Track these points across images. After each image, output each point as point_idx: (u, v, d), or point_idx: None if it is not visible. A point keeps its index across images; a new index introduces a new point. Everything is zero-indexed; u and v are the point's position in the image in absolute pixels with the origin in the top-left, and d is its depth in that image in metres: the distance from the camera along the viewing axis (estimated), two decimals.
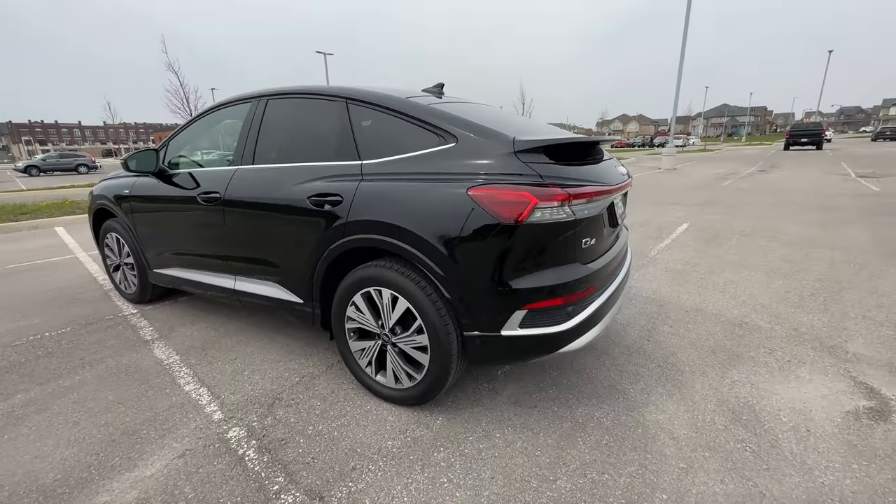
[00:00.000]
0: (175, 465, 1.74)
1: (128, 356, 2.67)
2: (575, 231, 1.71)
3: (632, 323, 3.01)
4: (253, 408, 2.12)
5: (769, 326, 2.90)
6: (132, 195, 3.08)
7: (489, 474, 1.68)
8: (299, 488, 1.62)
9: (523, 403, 2.13)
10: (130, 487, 1.64)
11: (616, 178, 2.03)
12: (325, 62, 33.40)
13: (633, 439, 1.86)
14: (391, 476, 1.67)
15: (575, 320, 1.76)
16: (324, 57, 33.31)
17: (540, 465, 1.72)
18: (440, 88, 2.57)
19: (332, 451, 1.81)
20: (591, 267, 1.85)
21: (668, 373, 2.37)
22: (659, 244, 5.13)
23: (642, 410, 2.06)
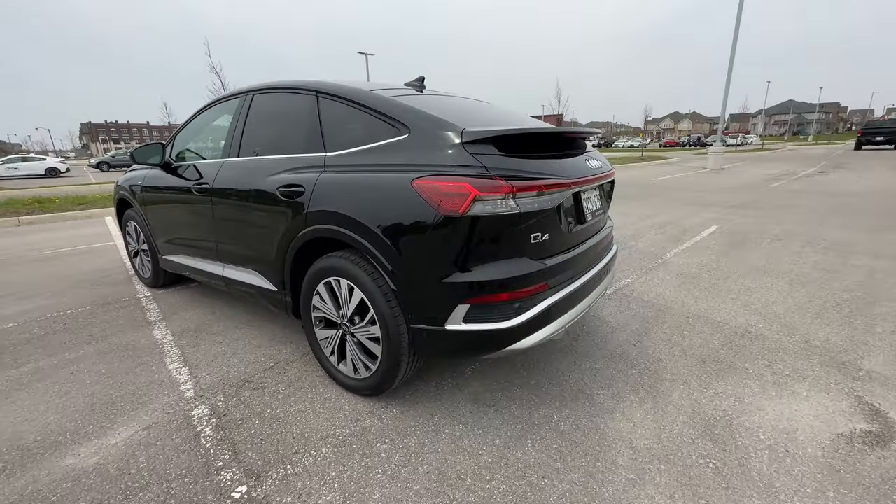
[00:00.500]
0: (138, 437, 1.86)
1: (130, 335, 2.88)
2: (521, 225, 1.65)
3: (622, 327, 2.86)
4: (223, 388, 2.21)
5: (776, 337, 2.66)
6: (144, 186, 3.31)
7: (425, 469, 1.66)
8: (241, 467, 1.68)
9: (482, 401, 2.09)
10: (94, 453, 1.76)
11: (581, 173, 1.93)
12: (366, 63, 34.28)
13: (586, 445, 1.77)
14: (329, 463, 1.69)
15: (522, 317, 1.69)
16: (365, 58, 34.19)
17: (480, 465, 1.68)
18: (421, 82, 2.56)
19: (282, 435, 1.86)
20: (545, 263, 1.77)
21: (645, 380, 2.23)
22: (677, 247, 4.84)
23: (606, 417, 1.95)
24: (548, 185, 1.71)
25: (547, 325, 1.78)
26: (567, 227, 1.89)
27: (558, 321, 1.83)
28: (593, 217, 2.13)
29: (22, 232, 6.91)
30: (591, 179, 2.02)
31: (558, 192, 1.76)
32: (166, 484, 1.60)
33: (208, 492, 1.56)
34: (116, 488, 1.58)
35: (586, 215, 2.05)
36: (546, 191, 1.70)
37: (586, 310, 2.07)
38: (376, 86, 2.22)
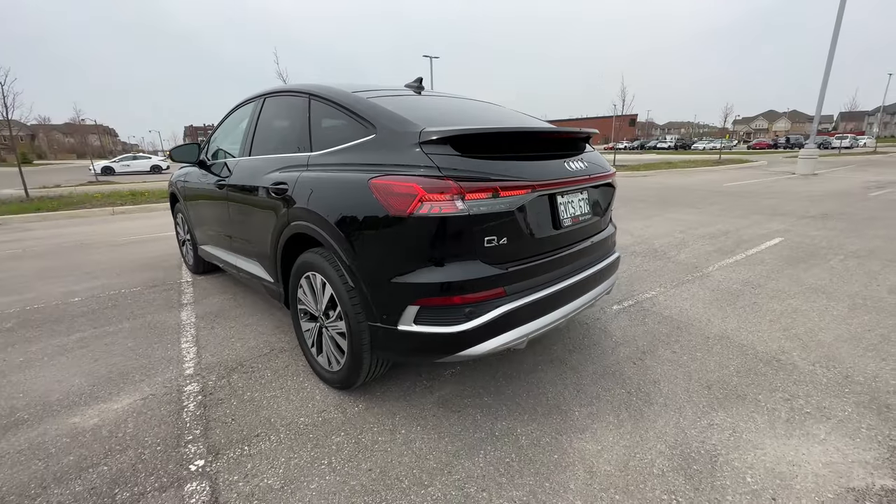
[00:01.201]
0: (135, 405, 2.08)
1: (161, 315, 3.22)
2: (472, 228, 1.60)
3: (628, 342, 2.64)
4: (217, 369, 2.40)
5: (809, 368, 2.30)
6: (186, 182, 3.68)
7: (368, 466, 1.67)
8: (206, 443, 1.81)
9: (449, 406, 2.05)
10: (96, 415, 2.00)
11: (553, 175, 1.83)
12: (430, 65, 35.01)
13: (541, 464, 1.67)
14: (282, 448, 1.77)
15: (473, 323, 1.64)
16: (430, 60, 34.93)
17: (423, 469, 1.65)
18: (419, 82, 2.58)
19: (251, 417, 1.97)
20: (503, 268, 1.69)
21: (632, 402, 2.05)
22: (724, 259, 4.36)
23: (573, 436, 1.82)
24: (504, 187, 1.64)
25: (503, 334, 1.71)
26: (535, 231, 1.79)
27: (518, 330, 1.75)
28: (575, 222, 2.00)
29: (113, 220, 8.01)
30: (568, 182, 1.90)
31: (518, 195, 1.68)
32: (141, 450, 1.77)
33: (171, 461, 1.70)
34: (101, 448, 1.78)
35: (563, 220, 1.92)
36: (502, 193, 1.63)
37: (562, 320, 1.95)
38: (366, 87, 2.27)
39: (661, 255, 4.61)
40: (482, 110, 2.40)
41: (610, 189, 2.33)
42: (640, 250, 4.81)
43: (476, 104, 2.55)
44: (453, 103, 2.35)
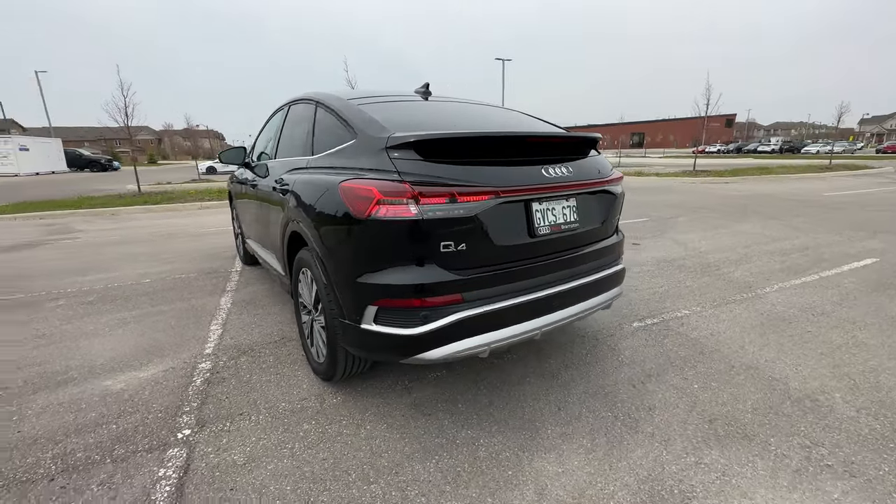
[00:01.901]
0: (156, 376, 2.38)
1: (205, 299, 3.62)
2: (426, 232, 1.60)
3: (635, 363, 2.44)
4: (230, 351, 2.65)
5: (850, 414, 1.95)
6: (235, 181, 4.10)
7: (324, 456, 1.74)
8: (198, 415, 2.02)
9: (422, 409, 2.06)
10: (124, 381, 2.33)
11: (525, 181, 1.77)
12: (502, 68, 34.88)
13: (491, 478, 1.62)
14: (258, 429, 1.91)
15: (428, 327, 1.64)
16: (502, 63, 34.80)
17: (373, 465, 1.69)
18: (426, 87, 2.62)
19: (242, 397, 2.16)
20: (461, 275, 1.67)
21: (615, 428, 1.90)
22: (790, 280, 3.80)
23: (537, 455, 1.74)
24: (462, 192, 1.62)
25: (460, 341, 1.69)
26: (502, 239, 1.74)
27: (477, 339, 1.71)
28: (556, 231, 1.90)
29: (199, 214, 9.13)
30: (545, 188, 1.81)
31: (478, 200, 1.64)
32: (146, 414, 2.03)
33: (165, 427, 1.93)
34: (118, 409, 2.07)
35: (539, 228, 1.84)
36: (460, 199, 1.61)
37: (535, 333, 1.87)
38: (370, 94, 2.37)
39: (713, 270, 4.15)
40: (479, 116, 2.38)
41: (610, 196, 2.17)
42: (688, 264, 4.37)
43: (478, 109, 2.52)
44: (451, 108, 2.36)
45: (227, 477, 1.63)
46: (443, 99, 2.60)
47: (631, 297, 3.49)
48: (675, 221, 6.90)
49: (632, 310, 3.22)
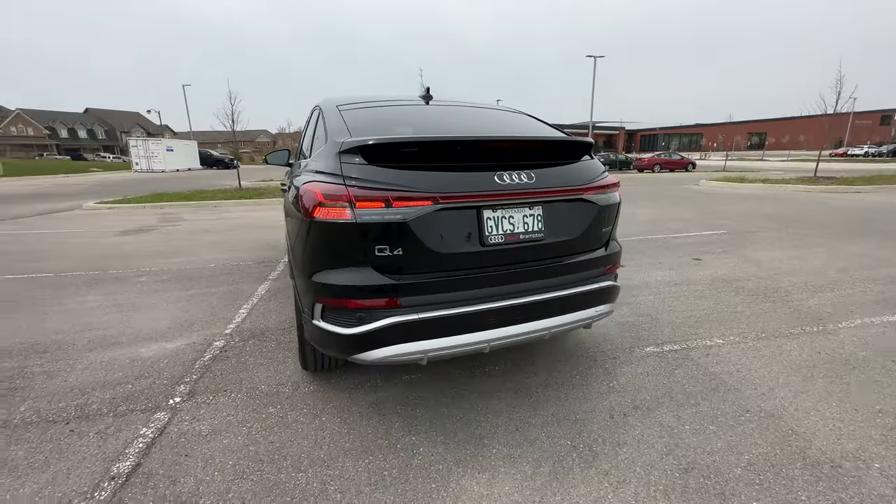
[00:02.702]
0: (178, 348, 2.74)
1: (248, 285, 4.05)
2: (362, 236, 1.62)
3: (626, 391, 2.19)
4: (243, 333, 2.94)
5: (885, 492, 1.54)
6: (282, 182, 4.52)
7: (273, 439, 1.86)
8: (192, 387, 2.28)
9: (380, 409, 2.09)
10: (154, 350, 2.72)
11: (470, 188, 1.71)
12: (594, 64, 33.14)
13: (411, 487, 1.60)
14: (230, 406, 2.11)
15: (363, 328, 1.67)
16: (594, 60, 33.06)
17: (310, 456, 1.76)
18: (427, 92, 2.63)
19: (233, 375, 2.39)
20: (396, 279, 1.66)
21: (568, 459, 1.74)
22: (883, 315, 3.08)
23: (469, 473, 1.67)
24: (398, 197, 1.61)
25: (395, 345, 1.68)
26: (445, 245, 1.69)
27: (414, 345, 1.69)
28: (512, 240, 1.78)
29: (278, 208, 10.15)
30: (496, 196, 1.72)
31: (414, 206, 1.62)
32: (155, 380, 2.35)
33: (163, 393, 2.22)
34: (137, 372, 2.43)
35: (489, 237, 1.75)
36: (395, 204, 1.61)
37: (485, 347, 1.79)
38: (369, 99, 2.46)
39: (779, 296, 3.52)
40: (462, 120, 2.33)
41: (590, 206, 1.97)
42: (750, 287, 3.76)
43: (469, 113, 2.47)
44: (438, 113, 2.34)
45: (188, 444, 1.84)
46: (443, 103, 2.58)
47: (660, 318, 3.12)
48: (758, 236, 5.96)
49: (653, 332, 2.88)
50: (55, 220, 8.78)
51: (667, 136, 68.85)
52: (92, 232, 7.19)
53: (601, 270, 2.10)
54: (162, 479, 1.64)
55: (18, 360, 2.58)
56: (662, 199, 10.79)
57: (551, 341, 2.76)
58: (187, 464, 1.72)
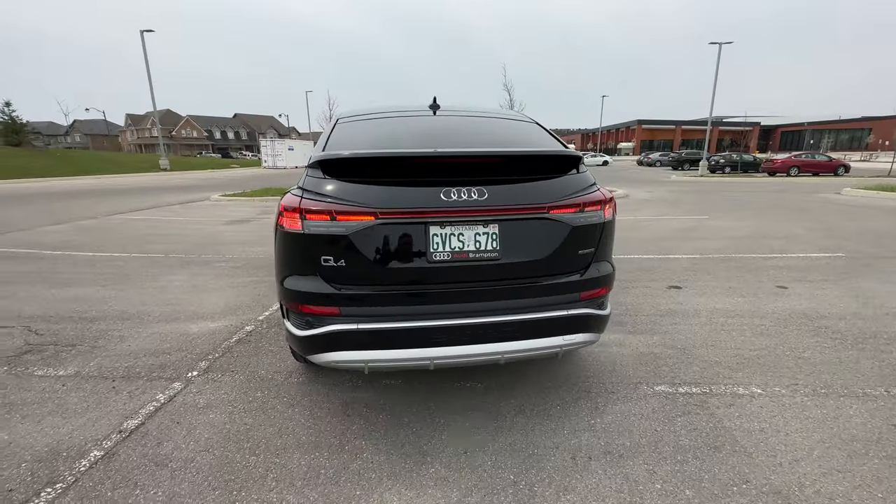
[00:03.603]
0: (216, 328, 3.18)
1: None
2: (309, 246, 1.72)
3: (605, 433, 1.97)
4: (273, 321, 3.28)
5: None
6: None
7: (247, 421, 2.08)
8: (210, 364, 2.64)
9: (348, 410, 2.18)
10: (199, 327, 3.20)
11: (414, 204, 1.71)
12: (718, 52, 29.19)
13: (337, 490, 1.66)
14: (229, 386, 2.39)
15: (310, 332, 1.77)
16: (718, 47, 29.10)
17: (269, 443, 1.92)
18: (433, 101, 2.64)
19: (246, 358, 2.70)
20: (338, 289, 1.73)
21: (502, 494, 1.64)
22: None
23: (395, 487, 1.68)
24: (340, 211, 1.67)
25: (336, 352, 1.76)
26: (386, 259, 1.71)
27: (353, 354, 1.75)
28: (458, 258, 1.72)
29: None
30: (441, 212, 1.69)
31: (356, 220, 1.67)
32: (187, 354, 2.77)
33: (187, 366, 2.60)
34: (178, 345, 2.89)
35: (434, 253, 1.71)
36: (338, 218, 1.67)
37: (428, 364, 1.78)
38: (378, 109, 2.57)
39: (876, 344, 2.79)
40: (451, 131, 2.29)
41: (558, 226, 1.80)
42: (838, 327, 3.04)
43: (466, 124, 2.42)
44: (433, 124, 2.34)
45: (183, 413, 2.15)
46: (447, 113, 2.54)
47: (693, 352, 2.71)
48: (887, 264, 4.73)
49: (676, 369, 2.52)
50: (188, 208, 10.68)
51: (817, 132, 57.71)
52: (206, 220, 8.59)
53: (575, 296, 1.91)
54: (152, 439, 1.95)
55: (107, 324, 3.25)
56: (774, 211, 9.14)
57: (546, 363, 2.59)
58: (174, 430, 2.01)
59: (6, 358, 2.70)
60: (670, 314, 3.36)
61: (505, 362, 1.89)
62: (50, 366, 2.61)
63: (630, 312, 3.40)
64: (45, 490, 1.65)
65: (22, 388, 2.37)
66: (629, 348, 2.79)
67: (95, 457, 1.83)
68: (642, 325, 3.15)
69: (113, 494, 1.63)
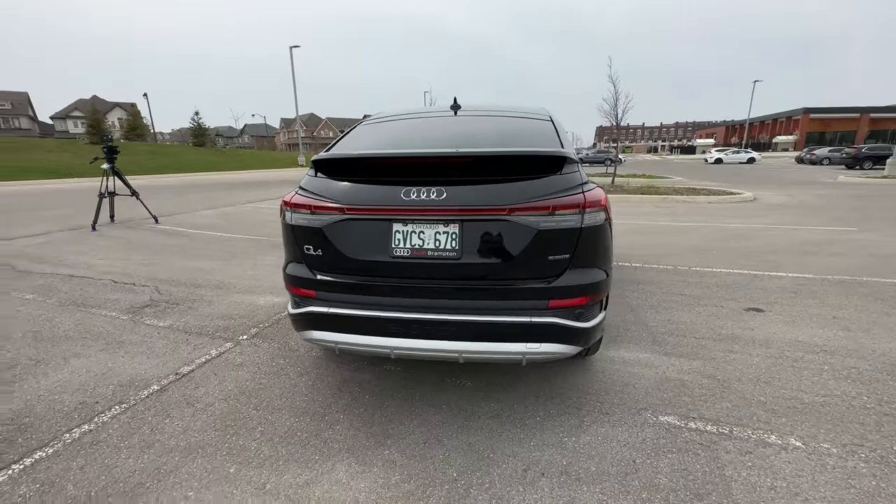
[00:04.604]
0: (279, 302, 3.71)
1: None
2: (295, 235, 1.97)
3: (576, 458, 1.84)
4: None
5: None
6: None
7: (261, 381, 2.45)
8: (260, 330, 3.13)
9: (345, 386, 2.41)
10: (266, 300, 3.77)
11: (376, 202, 1.83)
12: None
13: (303, 451, 1.89)
14: (266, 351, 2.82)
15: (298, 311, 2.03)
16: None
17: (269, 403, 2.25)
18: (454, 102, 2.70)
19: (286, 329, 3.13)
20: (314, 275, 1.96)
21: (433, 490, 1.68)
22: None
23: (349, 459, 1.84)
24: (315, 206, 1.87)
25: (314, 331, 1.99)
26: (354, 252, 1.86)
27: (326, 334, 1.96)
28: (417, 255, 1.79)
29: None
30: (401, 210, 1.79)
31: (326, 214, 1.86)
32: (247, 321, 3.32)
33: (242, 331, 3.13)
34: (245, 312, 3.47)
35: (395, 249, 1.80)
36: (314, 210, 1.88)
37: (388, 353, 1.90)
38: (392, 113, 2.75)
39: None
40: (449, 132, 2.33)
41: (522, 230, 1.72)
42: None
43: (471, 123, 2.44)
44: (436, 125, 2.41)
45: (222, 367, 2.62)
46: (469, 113, 2.60)
47: (733, 387, 2.30)
48: None
49: (699, 401, 2.18)
50: None
51: None
52: None
53: (541, 304, 1.81)
54: (192, 384, 2.44)
55: (206, 290, 4.05)
56: None
57: (548, 372, 2.46)
58: (210, 380, 2.48)
59: (133, 309, 3.58)
60: (729, 340, 2.86)
61: (464, 362, 1.90)
62: (156, 318, 3.39)
63: (678, 332, 3.00)
64: (115, 407, 2.21)
65: (134, 332, 3.14)
66: (654, 370, 2.49)
67: (152, 389, 2.37)
68: (685, 348, 2.76)
69: (151, 418, 2.11)
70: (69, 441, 1.96)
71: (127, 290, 4.06)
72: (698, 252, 5.33)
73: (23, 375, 2.52)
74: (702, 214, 8.53)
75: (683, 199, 10.31)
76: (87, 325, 3.23)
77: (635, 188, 12.03)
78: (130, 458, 1.85)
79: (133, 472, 1.77)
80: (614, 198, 10.86)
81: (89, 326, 3.21)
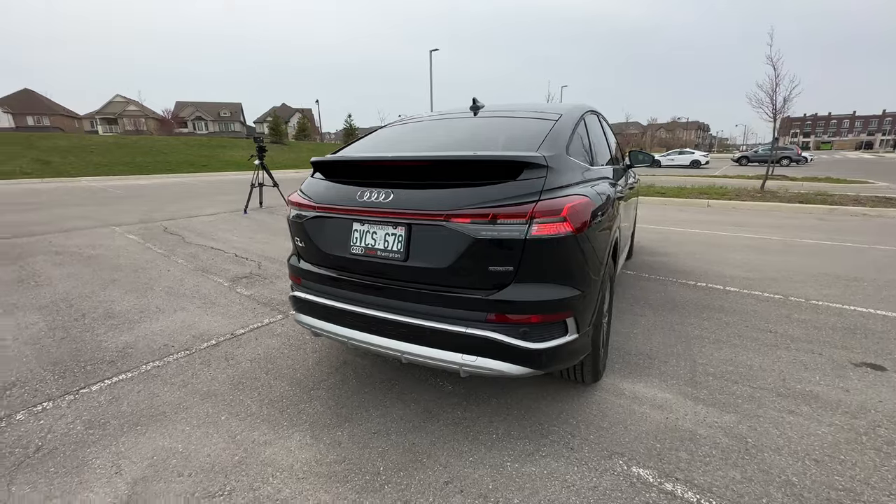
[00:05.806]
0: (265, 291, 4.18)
1: None
2: (291, 228, 2.23)
3: (521, 487, 1.71)
4: None
5: None
6: None
7: (288, 354, 2.85)
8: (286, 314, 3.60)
9: (349, 368, 2.64)
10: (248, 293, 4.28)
11: (338, 202, 1.98)
12: None
13: (291, 415, 2.18)
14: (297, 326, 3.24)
15: (291, 293, 2.32)
16: None
17: (284, 374, 2.62)
18: (474, 103, 2.67)
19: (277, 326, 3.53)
20: (299, 263, 2.21)
21: (354, 477, 1.77)
22: None
23: (312, 432, 2.05)
24: (300, 204, 2.11)
25: (299, 313, 2.25)
26: (325, 246, 2.04)
27: (309, 319, 2.21)
28: (368, 253, 1.89)
29: None
30: (357, 211, 1.93)
31: (305, 211, 2.08)
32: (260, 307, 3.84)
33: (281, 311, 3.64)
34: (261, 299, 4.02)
35: (352, 246, 1.93)
36: (300, 207, 2.12)
37: (347, 341, 2.04)
38: (415, 116, 2.85)
39: None
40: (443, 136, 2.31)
41: (459, 236, 1.66)
42: None
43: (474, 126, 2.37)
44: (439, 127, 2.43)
45: (264, 335, 3.12)
46: (490, 114, 2.57)
47: (761, 457, 1.81)
48: None
49: (693, 460, 1.79)
50: None
51: None
52: None
53: (479, 316, 1.71)
54: (237, 344, 2.98)
55: None
56: None
57: (548, 390, 2.28)
58: (250, 343, 2.99)
59: (235, 278, 4.46)
60: (801, 398, 2.21)
61: (406, 363, 1.93)
62: (245, 287, 4.16)
63: (730, 376, 2.43)
64: (182, 352, 2.85)
65: (225, 296, 3.93)
66: (666, 415, 2.10)
67: (210, 343, 2.98)
68: (726, 397, 2.24)
69: (197, 365, 2.67)
70: (143, 371, 2.62)
71: (240, 262, 5.05)
72: (836, 281, 4.11)
73: (146, 318, 3.41)
74: (883, 235, 6.45)
75: (863, 211, 7.89)
76: (200, 288, 4.16)
77: (795, 195, 9.63)
78: (169, 391, 2.40)
79: (165, 402, 2.30)
80: (745, 206, 8.95)
81: (201, 289, 4.13)
